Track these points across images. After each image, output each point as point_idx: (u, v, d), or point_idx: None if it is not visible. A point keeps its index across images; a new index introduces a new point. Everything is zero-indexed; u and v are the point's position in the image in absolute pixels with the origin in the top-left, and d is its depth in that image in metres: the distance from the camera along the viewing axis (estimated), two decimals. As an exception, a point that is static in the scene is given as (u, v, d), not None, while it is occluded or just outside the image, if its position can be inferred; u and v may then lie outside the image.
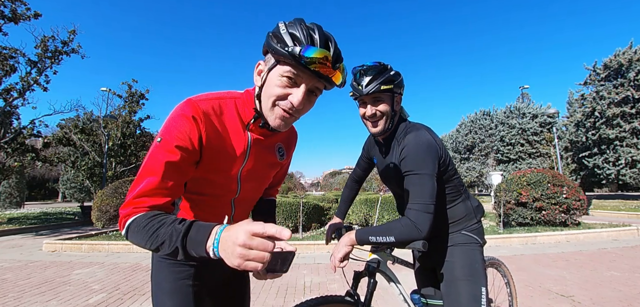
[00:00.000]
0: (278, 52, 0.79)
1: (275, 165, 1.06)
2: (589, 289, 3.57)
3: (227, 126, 0.89)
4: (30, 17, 10.73)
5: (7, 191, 22.73)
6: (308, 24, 0.82)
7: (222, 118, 0.89)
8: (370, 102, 1.29)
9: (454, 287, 1.27)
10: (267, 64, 0.85)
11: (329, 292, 3.64)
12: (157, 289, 0.96)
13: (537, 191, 7.48)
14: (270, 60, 0.84)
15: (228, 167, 0.91)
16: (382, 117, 1.29)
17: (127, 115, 16.05)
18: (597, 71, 18.20)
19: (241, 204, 1.04)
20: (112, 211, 7.38)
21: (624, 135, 16.56)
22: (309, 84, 0.82)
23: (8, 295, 3.71)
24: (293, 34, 0.79)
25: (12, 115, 11.25)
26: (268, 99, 0.84)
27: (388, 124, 1.31)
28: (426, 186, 1.15)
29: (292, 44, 0.78)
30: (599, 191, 29.58)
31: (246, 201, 1.05)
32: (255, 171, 0.98)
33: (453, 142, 29.20)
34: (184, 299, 0.94)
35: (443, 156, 1.26)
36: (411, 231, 1.12)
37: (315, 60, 0.76)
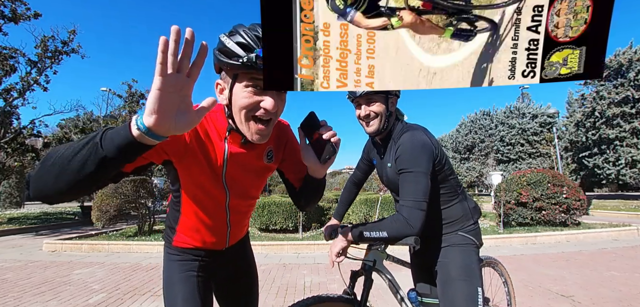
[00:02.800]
0: (233, 66, 0.78)
1: (265, 169, 1.07)
2: (589, 289, 3.57)
3: (208, 135, 0.93)
4: (30, 17, 10.75)
5: (7, 191, 22.75)
6: (248, 27, 0.81)
7: (204, 127, 0.92)
8: (364, 103, 1.33)
9: (450, 287, 1.28)
10: (226, 82, 0.85)
11: (329, 292, 3.64)
12: (167, 281, 1.04)
13: (537, 191, 7.48)
14: (227, 77, 0.84)
15: (209, 172, 0.94)
16: (376, 118, 1.33)
17: (127, 115, 16.06)
18: (597, 71, 18.17)
19: (235, 209, 1.06)
20: (112, 211, 7.38)
21: (624, 135, 16.56)
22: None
23: (8, 295, 3.71)
24: (240, 42, 0.78)
25: (12, 115, 11.27)
26: (239, 113, 0.84)
27: (383, 124, 1.34)
28: (420, 184, 1.17)
29: (244, 53, 0.77)
30: (599, 191, 29.56)
31: (240, 206, 1.08)
32: (239, 177, 1.00)
33: (453, 142, 29.22)
34: (191, 288, 1.01)
35: (438, 155, 1.27)
36: (403, 227, 1.15)
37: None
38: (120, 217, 7.80)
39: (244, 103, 0.82)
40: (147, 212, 7.91)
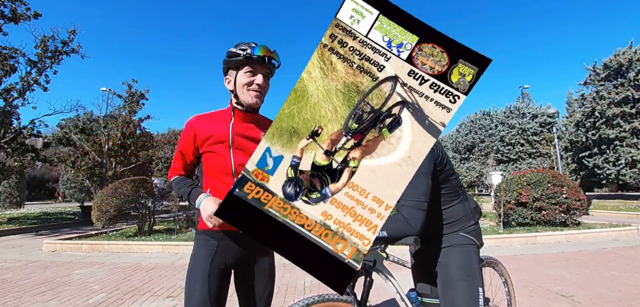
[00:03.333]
0: (237, 61, 1.28)
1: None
2: (588, 289, 3.57)
3: (214, 120, 1.36)
4: (30, 17, 10.73)
5: (7, 191, 22.74)
6: (245, 42, 1.30)
7: (211, 117, 1.38)
8: None
9: (450, 287, 1.28)
10: (231, 76, 1.33)
11: (329, 292, 3.64)
12: (193, 254, 1.31)
13: (537, 191, 7.47)
14: (232, 71, 1.33)
15: (217, 141, 1.31)
16: None
17: (127, 115, 16.05)
18: (597, 71, 18.20)
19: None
20: (112, 211, 7.37)
21: (624, 135, 16.56)
22: (262, 70, 1.30)
23: (8, 295, 3.71)
24: (241, 47, 1.28)
25: (12, 115, 11.26)
26: (241, 88, 1.31)
27: None
28: (420, 184, 1.16)
29: (244, 52, 1.25)
30: (599, 191, 29.57)
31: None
32: (243, 145, 1.33)
33: (453, 142, 29.21)
34: (206, 263, 1.26)
35: (439, 155, 1.26)
36: (404, 227, 1.15)
37: (261, 52, 1.24)
38: (120, 217, 7.79)
39: (244, 81, 1.29)
40: (147, 212, 7.91)
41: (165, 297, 3.56)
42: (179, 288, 3.87)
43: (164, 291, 3.77)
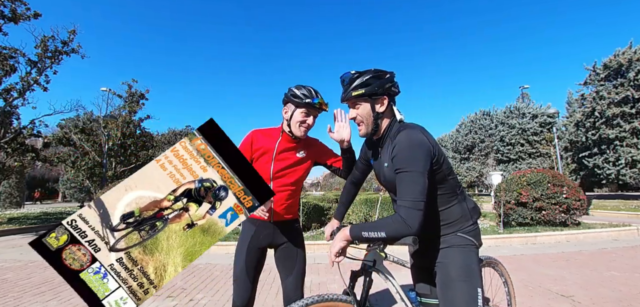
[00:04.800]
0: (299, 104, 1.71)
1: (298, 162, 1.83)
2: (589, 289, 3.57)
3: (267, 135, 1.81)
4: (30, 17, 10.74)
5: (7, 191, 22.74)
6: (306, 86, 1.74)
7: (265, 132, 1.83)
8: (352, 107, 1.40)
9: (450, 287, 1.27)
10: (289, 109, 1.75)
11: (329, 292, 3.63)
12: (240, 236, 1.81)
13: (537, 191, 7.48)
14: (290, 106, 1.75)
15: (265, 152, 1.77)
16: (362, 121, 1.38)
17: (127, 115, 16.06)
18: (597, 71, 18.19)
19: (275, 189, 1.76)
20: (112, 211, 7.39)
21: (624, 135, 16.55)
22: (315, 114, 1.77)
23: (8, 295, 3.71)
24: (303, 92, 1.71)
25: (12, 115, 11.26)
26: (295, 123, 1.74)
27: (371, 127, 1.38)
28: (417, 183, 1.16)
29: (305, 98, 1.70)
30: (599, 191, 29.58)
31: (279, 186, 1.78)
32: (283, 159, 1.78)
33: (453, 142, 29.21)
34: (245, 243, 1.77)
35: (436, 155, 1.25)
36: (401, 227, 1.14)
37: (318, 103, 1.70)
38: (120, 217, 7.77)
39: (299, 119, 1.73)
40: (147, 212, 7.89)
41: (165, 297, 3.56)
42: (179, 288, 3.87)
43: (164, 290, 3.77)
